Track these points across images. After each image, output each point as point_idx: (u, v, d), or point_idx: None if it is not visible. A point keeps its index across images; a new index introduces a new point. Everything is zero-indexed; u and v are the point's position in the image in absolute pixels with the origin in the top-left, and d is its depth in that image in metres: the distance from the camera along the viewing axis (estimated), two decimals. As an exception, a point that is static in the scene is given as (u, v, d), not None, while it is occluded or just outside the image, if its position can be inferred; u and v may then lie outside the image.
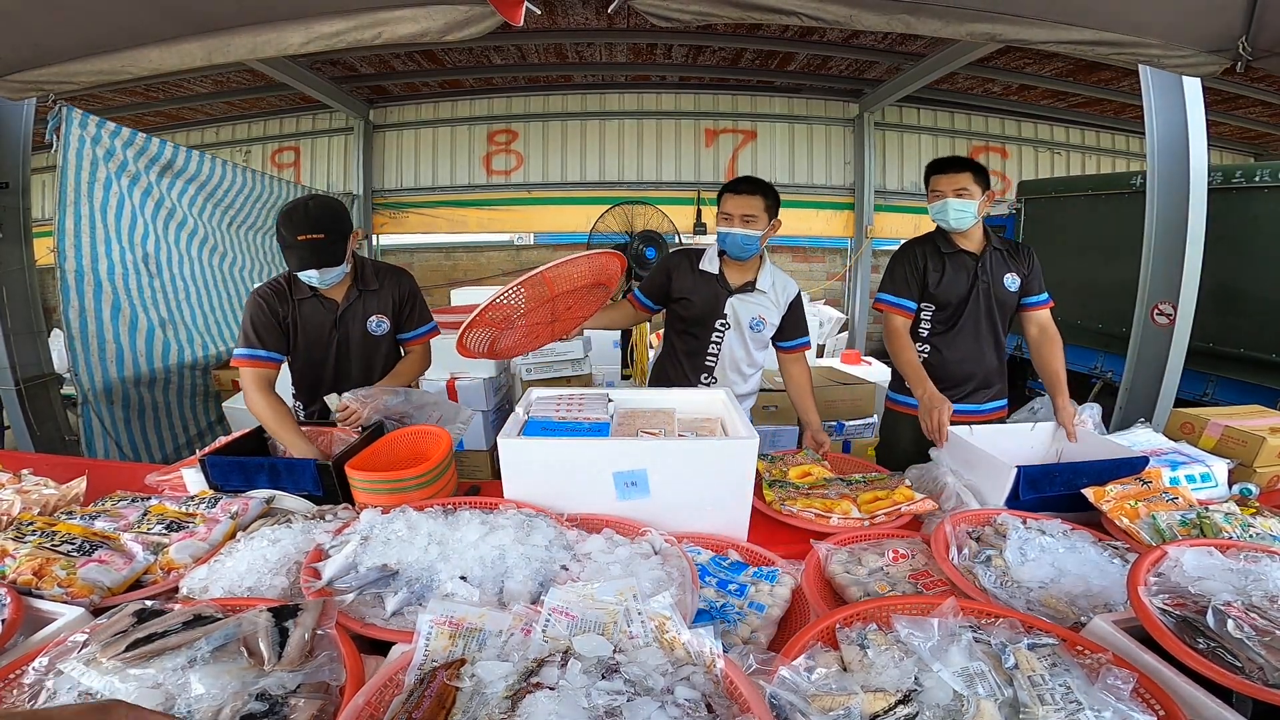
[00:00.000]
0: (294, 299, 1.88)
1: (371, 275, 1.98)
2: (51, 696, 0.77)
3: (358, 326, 1.95)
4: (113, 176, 3.29)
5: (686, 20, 1.89)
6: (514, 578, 1.03)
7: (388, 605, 0.97)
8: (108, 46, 2.11)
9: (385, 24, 1.94)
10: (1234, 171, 3.66)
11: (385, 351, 2.03)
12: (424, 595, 0.99)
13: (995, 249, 2.13)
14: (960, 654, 0.80)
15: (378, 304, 1.97)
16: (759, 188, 2.05)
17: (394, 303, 2.00)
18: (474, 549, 1.07)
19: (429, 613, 0.86)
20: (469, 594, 0.98)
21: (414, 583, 1.01)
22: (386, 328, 1.99)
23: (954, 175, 2.02)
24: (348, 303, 1.92)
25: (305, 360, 1.96)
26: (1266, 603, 0.90)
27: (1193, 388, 3.83)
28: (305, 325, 1.90)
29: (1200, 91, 2.70)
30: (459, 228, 7.34)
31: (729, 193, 2.06)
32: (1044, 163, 7.55)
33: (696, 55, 5.99)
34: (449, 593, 0.98)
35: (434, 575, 1.03)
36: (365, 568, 1.05)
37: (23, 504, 1.38)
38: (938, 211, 2.06)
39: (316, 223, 1.72)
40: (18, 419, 2.98)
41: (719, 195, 2.10)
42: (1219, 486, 1.58)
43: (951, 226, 2.06)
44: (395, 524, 1.15)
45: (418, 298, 2.08)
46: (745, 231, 2.01)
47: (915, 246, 2.17)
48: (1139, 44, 2.01)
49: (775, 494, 1.53)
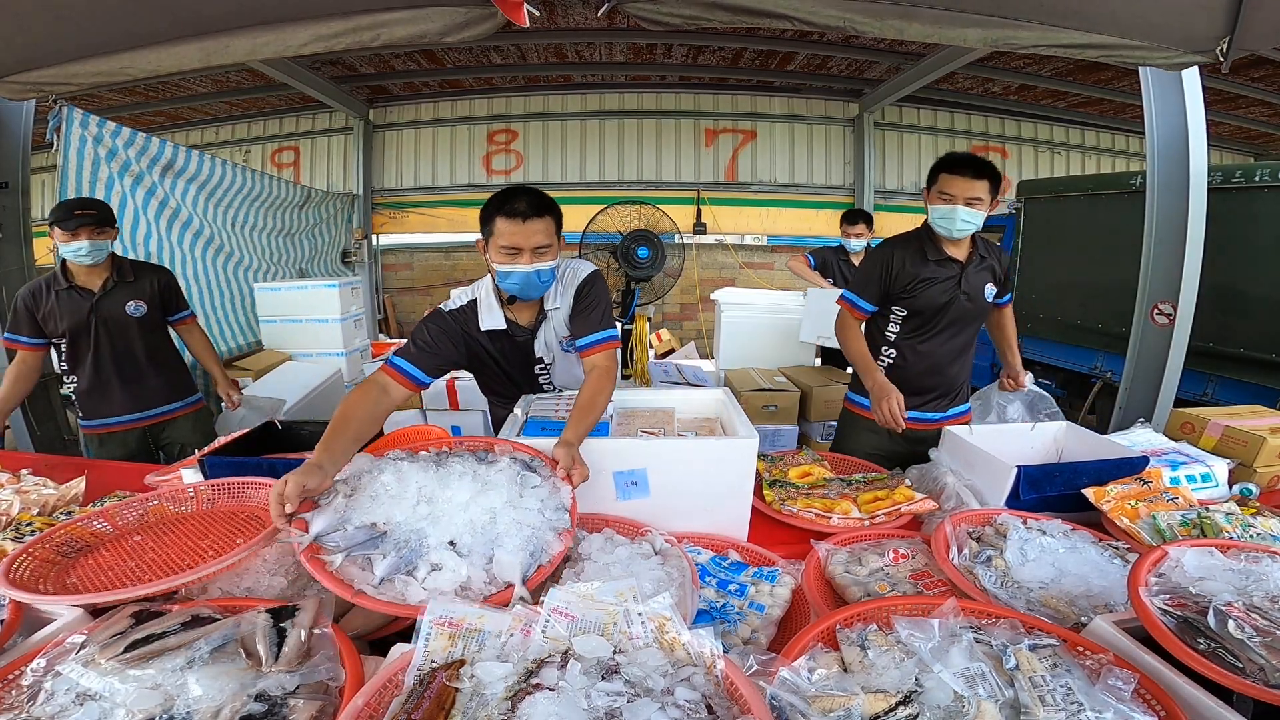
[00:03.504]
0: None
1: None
2: (50, 697, 0.77)
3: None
4: (115, 176, 3.29)
5: (677, 24, 1.89)
6: (504, 546, 1.01)
7: (376, 570, 0.95)
8: (107, 47, 2.11)
9: (384, 25, 1.94)
10: (1234, 171, 3.66)
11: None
12: (412, 560, 0.97)
13: (980, 256, 2.01)
14: (961, 655, 0.79)
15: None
16: (545, 207, 1.50)
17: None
18: (464, 511, 1.05)
19: (429, 613, 0.86)
20: (456, 565, 0.96)
21: (403, 546, 0.99)
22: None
23: (971, 181, 1.83)
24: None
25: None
26: (1267, 603, 0.90)
27: (1193, 388, 3.82)
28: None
29: (1200, 91, 2.70)
30: (459, 228, 7.33)
31: (505, 218, 1.46)
32: (1044, 163, 7.55)
33: (696, 55, 5.99)
34: (437, 562, 0.96)
35: (423, 539, 1.00)
36: (354, 526, 1.02)
37: (22, 504, 1.38)
38: (942, 217, 1.89)
39: None
40: (18, 419, 2.98)
41: (485, 222, 1.53)
42: (1219, 486, 1.58)
43: (953, 236, 1.92)
44: (385, 475, 1.12)
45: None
46: (539, 266, 1.50)
47: (897, 250, 2.02)
48: (1127, 45, 2.01)
49: (775, 494, 1.53)
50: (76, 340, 2.32)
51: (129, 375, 2.41)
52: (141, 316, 2.40)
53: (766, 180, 7.21)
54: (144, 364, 2.45)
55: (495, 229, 1.48)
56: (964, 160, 1.87)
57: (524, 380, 1.77)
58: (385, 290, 7.52)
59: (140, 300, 2.40)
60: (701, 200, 7.10)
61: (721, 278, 7.12)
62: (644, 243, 5.59)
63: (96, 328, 2.32)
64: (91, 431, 2.45)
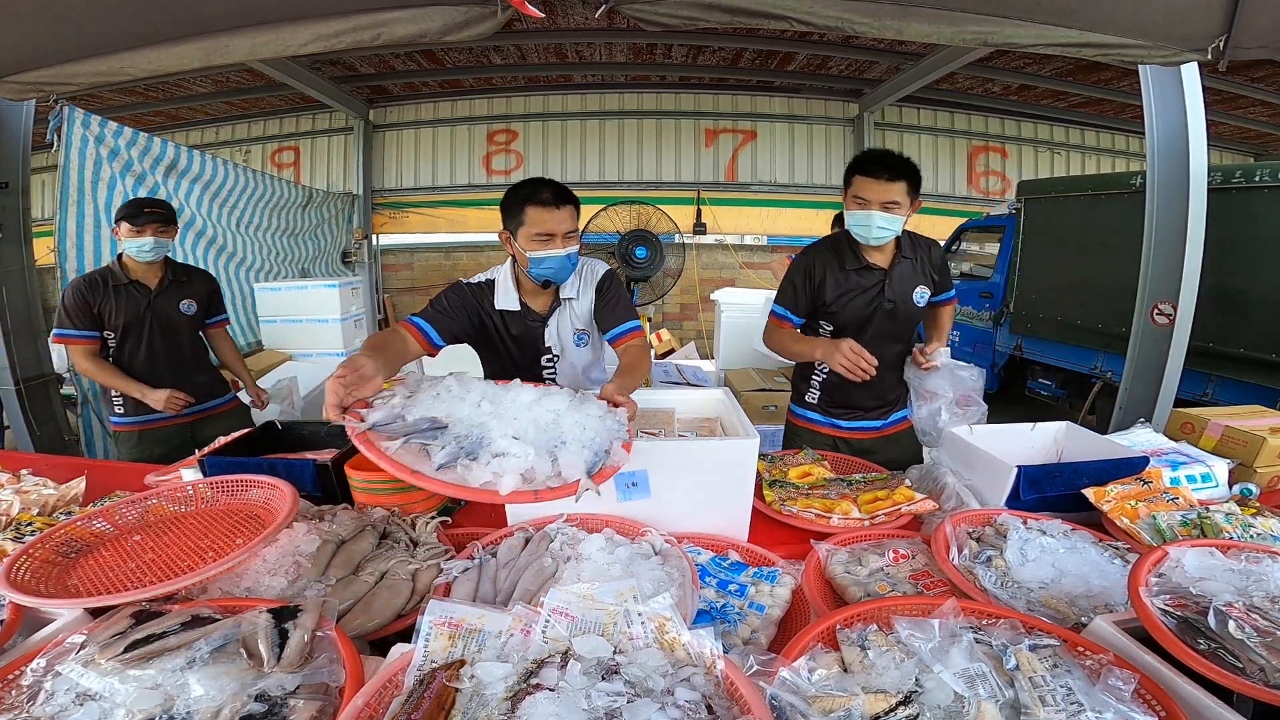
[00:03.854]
0: None
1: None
2: (50, 697, 0.77)
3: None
4: (117, 176, 3.29)
5: (675, 24, 1.90)
6: (568, 448, 0.99)
7: (435, 457, 0.93)
8: (107, 47, 2.11)
9: (385, 25, 1.94)
10: (1234, 171, 3.66)
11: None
12: (475, 451, 0.95)
13: (905, 258, 1.87)
14: (961, 655, 0.79)
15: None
16: (568, 195, 1.61)
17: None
18: (528, 410, 1.04)
19: (428, 614, 0.86)
20: (523, 452, 0.93)
21: (464, 438, 0.96)
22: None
23: (886, 185, 1.69)
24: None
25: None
26: (1268, 603, 0.89)
27: (1193, 388, 3.83)
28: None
29: (1200, 91, 2.70)
30: (459, 227, 7.34)
31: (537, 206, 1.56)
32: (1044, 163, 7.56)
33: (696, 55, 5.99)
34: (501, 450, 0.93)
35: (485, 432, 0.98)
36: (414, 417, 1.00)
37: (22, 504, 1.38)
38: (859, 224, 1.76)
39: None
40: (17, 419, 2.98)
41: (515, 212, 1.59)
42: (1219, 486, 1.58)
43: (870, 243, 1.80)
44: (446, 380, 1.11)
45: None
46: (571, 250, 1.60)
47: (815, 257, 1.90)
48: (1125, 44, 2.01)
49: (775, 494, 1.52)
50: (129, 335, 2.38)
51: (178, 372, 2.48)
52: (192, 315, 2.52)
53: (766, 180, 7.22)
54: (190, 361, 2.55)
55: (526, 218, 1.57)
56: (879, 160, 1.73)
57: (529, 372, 1.78)
58: (385, 290, 7.53)
59: (192, 300, 2.52)
60: (701, 200, 7.10)
61: (721, 278, 7.13)
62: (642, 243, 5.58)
63: (151, 324, 2.40)
64: (130, 428, 2.46)
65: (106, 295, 2.33)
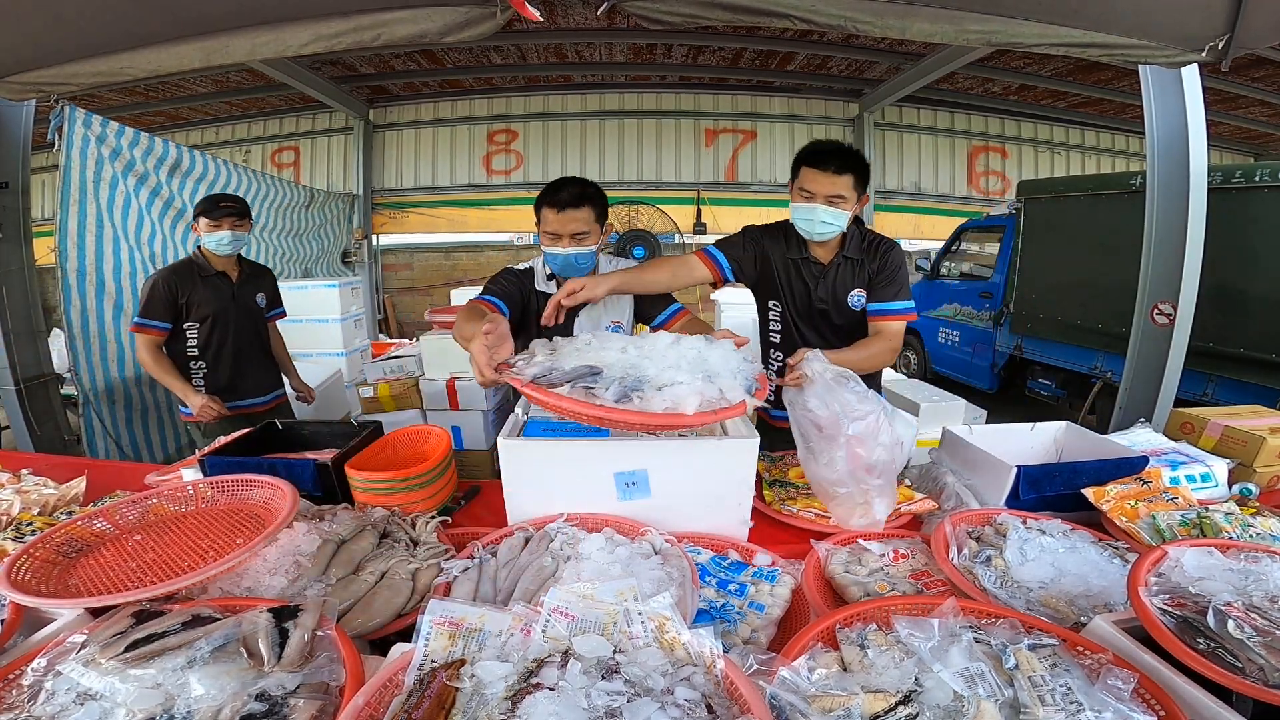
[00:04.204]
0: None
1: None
2: (50, 697, 0.77)
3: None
4: (119, 175, 3.29)
5: (676, 22, 1.90)
6: (723, 377, 1.05)
7: (604, 396, 0.98)
8: (107, 47, 2.11)
9: (385, 25, 1.94)
10: (1234, 171, 3.66)
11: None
12: (638, 388, 1.00)
13: (846, 258, 1.77)
14: (960, 654, 0.79)
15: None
16: (585, 199, 1.69)
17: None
18: (672, 351, 1.10)
19: (428, 613, 0.86)
20: (690, 379, 0.99)
21: (624, 379, 1.02)
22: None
23: (833, 177, 1.63)
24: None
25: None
26: (1267, 603, 0.90)
27: (1193, 388, 3.83)
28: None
29: (1200, 91, 2.70)
30: (459, 227, 7.35)
31: (549, 207, 1.69)
32: (1044, 163, 7.56)
33: (696, 55, 6.00)
34: (668, 382, 0.99)
35: (641, 372, 1.04)
36: (570, 366, 1.05)
37: (22, 504, 1.38)
38: (803, 218, 1.69)
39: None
40: (18, 419, 2.98)
41: (536, 209, 1.74)
42: (1219, 486, 1.58)
43: (814, 238, 1.73)
44: (582, 336, 1.19)
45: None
46: (577, 250, 1.71)
47: (765, 235, 1.83)
48: (1127, 44, 2.01)
49: (775, 494, 1.53)
50: (215, 325, 2.45)
51: (256, 362, 2.60)
52: (263, 308, 2.65)
53: (766, 180, 7.22)
54: (264, 353, 2.68)
55: (541, 216, 1.72)
56: (827, 152, 1.65)
57: None
58: (385, 290, 7.53)
59: (263, 293, 2.65)
60: (701, 200, 7.11)
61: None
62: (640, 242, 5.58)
63: (234, 315, 2.50)
64: (196, 420, 2.47)
65: (194, 286, 2.40)
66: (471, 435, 3.27)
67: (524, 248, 7.38)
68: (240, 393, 2.55)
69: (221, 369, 2.50)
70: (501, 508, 1.34)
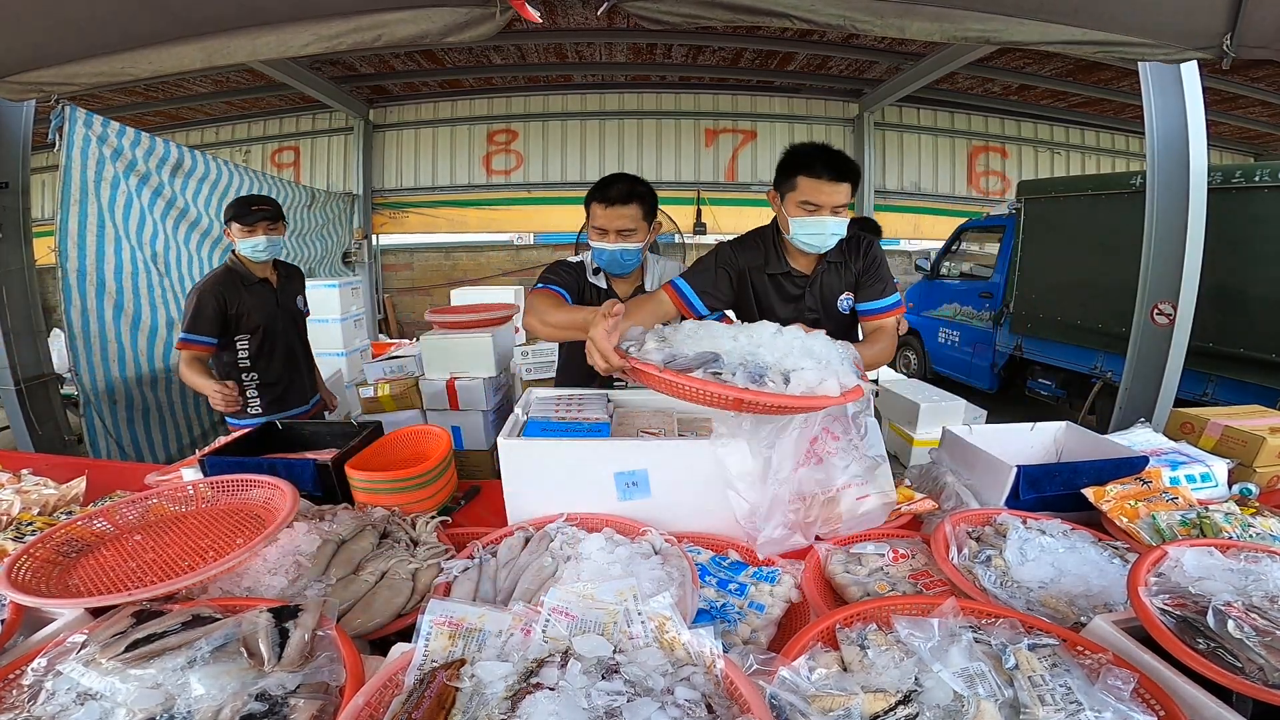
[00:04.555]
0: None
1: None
2: (50, 697, 0.77)
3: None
4: (120, 175, 3.29)
5: (676, 22, 1.90)
6: (831, 363, 1.10)
7: (737, 380, 1.00)
8: (108, 48, 2.11)
9: (385, 26, 1.94)
10: (1234, 171, 3.66)
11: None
12: (764, 373, 1.04)
13: (830, 263, 1.71)
14: (960, 654, 0.79)
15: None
16: (634, 196, 1.71)
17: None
18: (779, 339, 1.14)
19: (429, 613, 0.86)
20: (814, 365, 1.04)
21: (746, 364, 1.05)
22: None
23: (837, 186, 1.51)
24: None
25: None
26: (1267, 603, 0.90)
27: (1193, 388, 3.83)
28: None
29: (1200, 91, 2.70)
30: (459, 227, 7.35)
31: (598, 203, 1.73)
32: (1044, 163, 7.56)
33: (696, 55, 6.00)
34: (791, 368, 1.03)
35: (759, 359, 1.07)
36: (693, 353, 1.08)
37: (22, 504, 1.38)
38: (809, 232, 1.56)
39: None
40: (18, 419, 2.98)
41: (586, 204, 1.78)
42: (1219, 486, 1.58)
43: (819, 251, 1.63)
44: (687, 324, 1.22)
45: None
46: (624, 246, 1.74)
47: (741, 256, 1.73)
48: (1128, 43, 2.01)
49: (775, 494, 1.52)
50: (266, 335, 2.35)
51: (302, 367, 2.52)
52: (301, 310, 2.55)
53: (766, 180, 7.19)
54: (305, 357, 2.58)
55: (591, 211, 1.76)
56: (825, 160, 1.53)
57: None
58: (385, 290, 7.53)
59: (301, 295, 2.54)
60: (701, 200, 7.11)
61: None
62: (642, 242, 5.57)
63: (282, 321, 2.40)
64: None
65: (241, 296, 2.27)
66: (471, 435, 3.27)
67: (524, 247, 7.38)
68: (287, 403, 2.45)
69: (274, 380, 2.40)
70: (501, 508, 1.34)
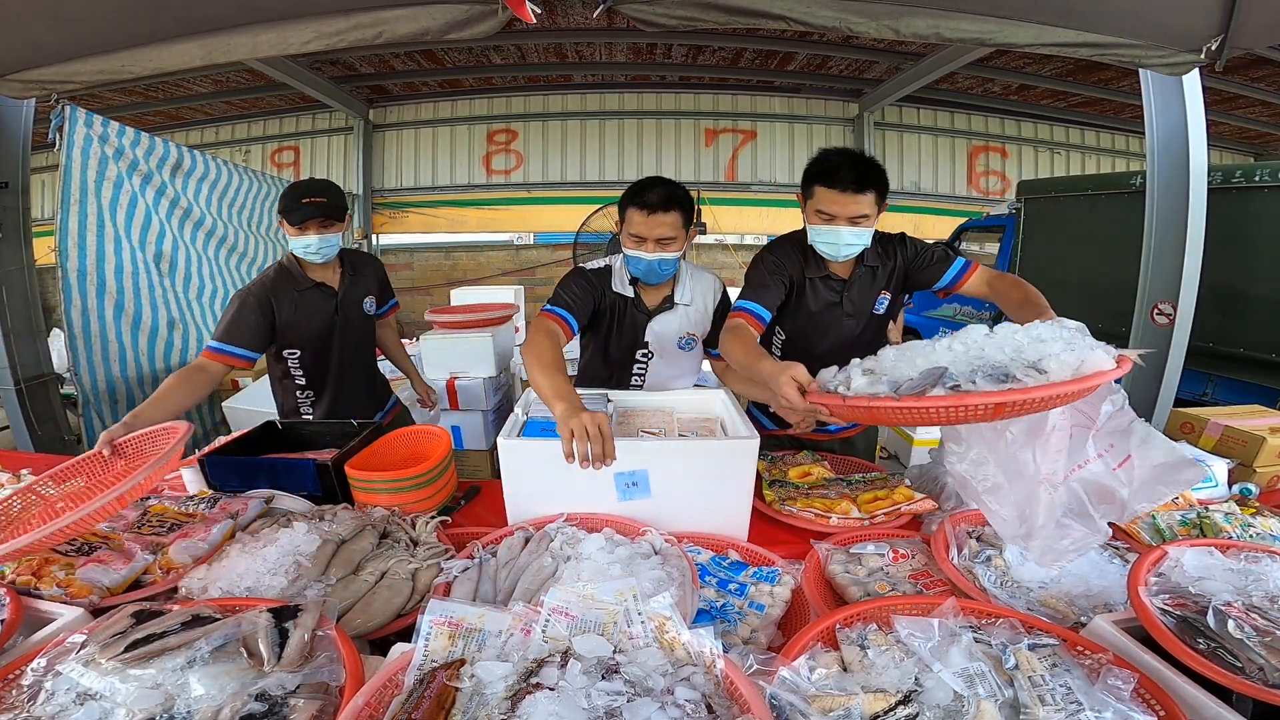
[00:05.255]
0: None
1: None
2: (50, 697, 0.77)
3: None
4: (124, 175, 3.28)
5: (673, 25, 1.90)
6: (1060, 343, 1.06)
7: (977, 387, 0.98)
8: (108, 46, 2.11)
9: (386, 23, 1.94)
10: (1234, 171, 3.66)
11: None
12: (1006, 372, 1.00)
13: (867, 267, 1.70)
14: (960, 654, 0.79)
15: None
16: (673, 202, 1.61)
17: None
18: (997, 338, 1.11)
19: (429, 613, 0.86)
20: (1061, 348, 1.00)
21: (977, 370, 1.03)
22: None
23: (854, 197, 1.49)
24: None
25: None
26: (1267, 603, 0.90)
27: (1193, 388, 3.83)
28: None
29: (1200, 92, 2.70)
30: (459, 227, 7.34)
31: (636, 209, 1.62)
32: (1044, 163, 7.56)
33: (696, 55, 5.99)
34: (1037, 356, 1.01)
35: (989, 360, 1.05)
36: (915, 374, 1.06)
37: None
38: (826, 242, 1.58)
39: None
40: (17, 419, 2.97)
41: (621, 208, 1.68)
42: (1219, 486, 1.58)
43: (839, 260, 1.63)
44: (886, 351, 1.20)
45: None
46: (662, 256, 1.65)
47: (784, 258, 1.69)
48: (1122, 44, 2.01)
49: (775, 494, 1.53)
50: (320, 348, 1.99)
51: (360, 383, 2.14)
52: (370, 314, 2.13)
53: (766, 180, 7.22)
54: (370, 370, 2.21)
55: (627, 217, 1.65)
56: (844, 168, 1.49)
57: (621, 361, 1.83)
58: (385, 290, 7.52)
59: (371, 295, 2.11)
60: (702, 200, 7.10)
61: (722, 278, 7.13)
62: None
63: (339, 332, 2.00)
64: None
65: (292, 303, 1.89)
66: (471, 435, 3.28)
67: (524, 247, 7.38)
68: (370, 411, 2.14)
69: (328, 396, 2.05)
70: (501, 508, 1.34)
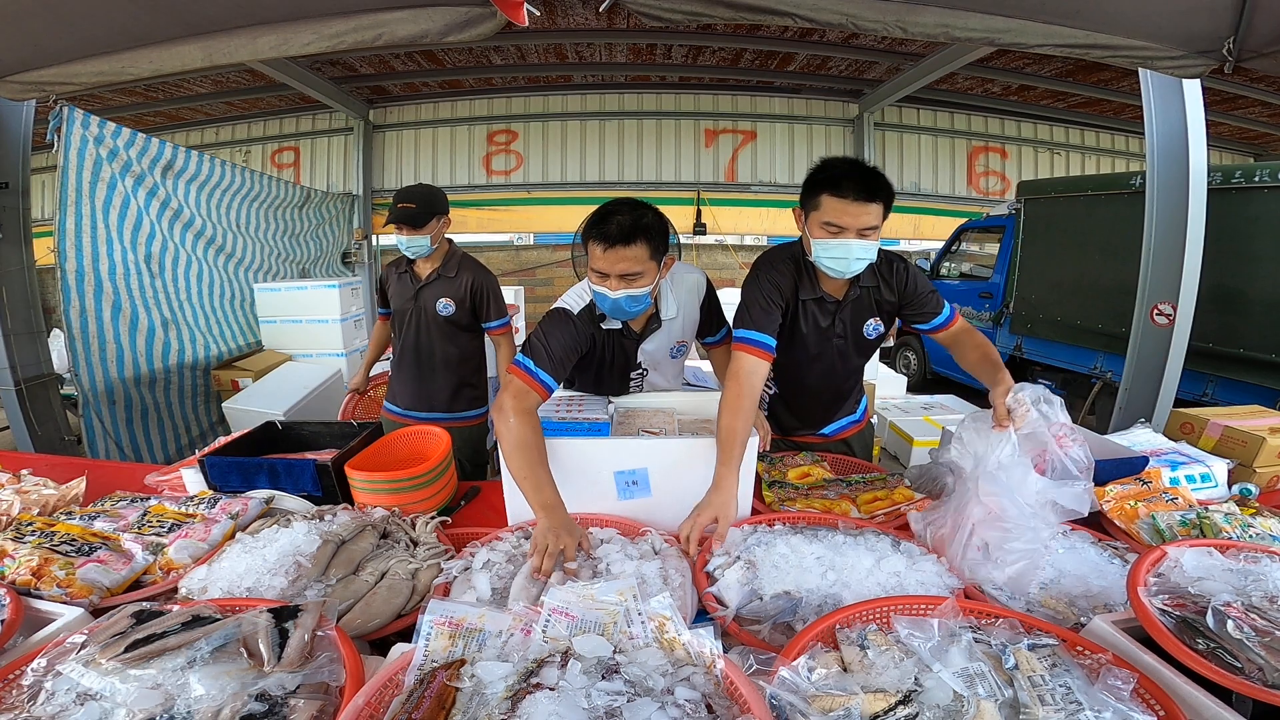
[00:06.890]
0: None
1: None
2: (50, 697, 0.77)
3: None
4: (117, 176, 3.29)
5: (678, 20, 1.89)
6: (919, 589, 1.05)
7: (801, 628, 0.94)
8: (109, 47, 2.11)
9: (386, 25, 1.94)
10: (1234, 171, 3.66)
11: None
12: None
13: (862, 288, 1.60)
14: (960, 654, 0.80)
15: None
16: (638, 232, 1.39)
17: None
18: (870, 576, 1.06)
19: (429, 613, 0.86)
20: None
21: (823, 608, 0.99)
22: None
23: (864, 206, 1.36)
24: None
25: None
26: (1266, 603, 0.90)
27: (1193, 388, 3.83)
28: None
29: (1200, 92, 2.70)
30: (459, 228, 7.32)
31: (595, 241, 1.40)
32: (1044, 163, 7.56)
33: (696, 55, 5.99)
34: (844, 599, 0.99)
35: (839, 601, 1.00)
36: (768, 596, 1.03)
37: (22, 504, 1.38)
38: (833, 258, 1.42)
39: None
40: (17, 419, 2.98)
41: (583, 239, 1.47)
42: (1219, 486, 1.58)
43: (844, 276, 1.49)
44: (777, 548, 1.15)
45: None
46: (629, 293, 1.43)
47: (779, 278, 1.56)
48: (1131, 46, 2.01)
49: (775, 494, 1.53)
50: (399, 321, 2.37)
51: (423, 372, 2.36)
52: (448, 316, 2.28)
53: (766, 180, 7.22)
54: (438, 365, 2.34)
55: (588, 250, 1.44)
56: (853, 176, 1.37)
57: (615, 382, 1.76)
58: (385, 290, 7.52)
59: (450, 300, 2.27)
60: (701, 201, 7.10)
61: (722, 278, 7.12)
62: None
63: (413, 316, 2.32)
64: (389, 416, 2.44)
65: (393, 280, 2.39)
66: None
67: (524, 248, 7.38)
68: (405, 400, 2.38)
69: (400, 372, 2.39)
70: (501, 508, 1.35)
